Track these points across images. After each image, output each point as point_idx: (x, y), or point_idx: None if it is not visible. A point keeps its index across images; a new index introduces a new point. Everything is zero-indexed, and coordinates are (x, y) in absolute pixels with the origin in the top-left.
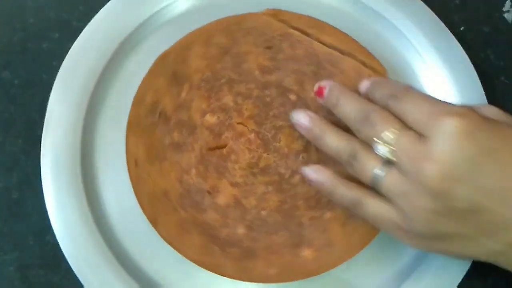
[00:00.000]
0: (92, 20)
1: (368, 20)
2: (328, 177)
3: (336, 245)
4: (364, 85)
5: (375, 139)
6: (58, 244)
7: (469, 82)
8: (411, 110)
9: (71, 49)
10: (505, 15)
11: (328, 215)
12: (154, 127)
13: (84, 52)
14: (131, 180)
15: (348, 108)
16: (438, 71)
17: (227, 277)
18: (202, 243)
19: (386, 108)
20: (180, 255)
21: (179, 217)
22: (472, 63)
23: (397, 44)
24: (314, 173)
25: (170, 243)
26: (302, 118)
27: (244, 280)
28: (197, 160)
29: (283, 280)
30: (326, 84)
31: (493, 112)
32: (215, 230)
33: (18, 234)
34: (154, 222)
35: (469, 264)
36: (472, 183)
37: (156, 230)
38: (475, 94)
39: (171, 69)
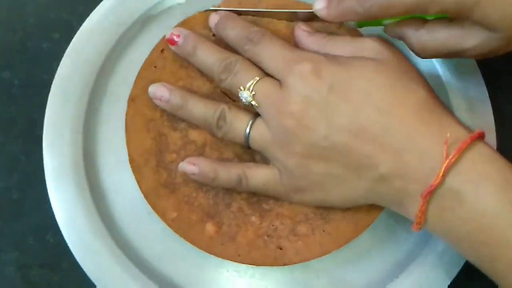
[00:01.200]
0: (88, 17)
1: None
2: (207, 164)
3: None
4: (213, 20)
5: (240, 87)
6: (59, 244)
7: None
8: (268, 57)
9: (68, 47)
10: None
11: None
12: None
13: (82, 49)
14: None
15: (207, 57)
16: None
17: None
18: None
19: (243, 53)
20: (192, 249)
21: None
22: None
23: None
24: (193, 165)
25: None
26: (159, 91)
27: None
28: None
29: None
30: (179, 32)
31: (371, 45)
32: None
33: (18, 234)
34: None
35: (464, 260)
36: (328, 122)
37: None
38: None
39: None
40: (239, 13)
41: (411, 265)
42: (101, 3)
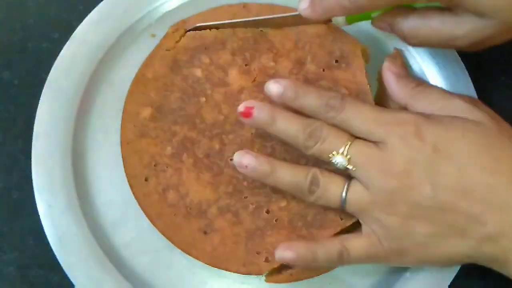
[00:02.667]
0: (84, 20)
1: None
2: (305, 248)
3: None
4: (273, 89)
5: (332, 152)
6: None
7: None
8: (358, 121)
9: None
10: None
11: None
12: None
13: (76, 52)
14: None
15: (287, 126)
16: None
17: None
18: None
19: (326, 120)
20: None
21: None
22: (472, 63)
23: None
24: (289, 251)
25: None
26: (245, 159)
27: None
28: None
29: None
30: (251, 104)
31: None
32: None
33: (18, 234)
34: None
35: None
36: (433, 182)
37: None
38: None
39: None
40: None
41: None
42: (94, 10)
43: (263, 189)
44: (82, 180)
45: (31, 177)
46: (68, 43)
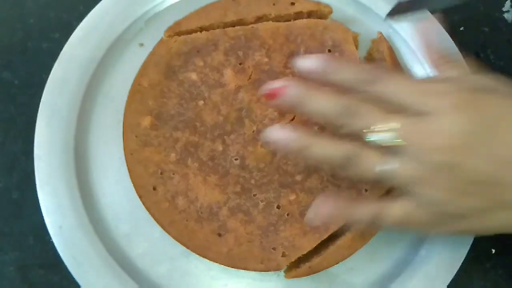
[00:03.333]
0: (85, 18)
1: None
2: (340, 208)
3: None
4: (307, 64)
5: (372, 127)
6: None
7: None
8: (400, 93)
9: (66, 45)
10: (505, 15)
11: None
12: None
13: (66, 70)
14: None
15: (321, 104)
16: None
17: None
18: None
19: (364, 94)
20: (180, 251)
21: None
22: None
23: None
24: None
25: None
26: (278, 134)
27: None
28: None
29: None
30: (280, 84)
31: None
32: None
33: (18, 234)
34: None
35: (460, 263)
36: (485, 153)
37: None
38: None
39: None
40: None
41: (410, 265)
42: (78, 27)
43: (271, 185)
44: (89, 196)
45: (31, 177)
46: (57, 62)
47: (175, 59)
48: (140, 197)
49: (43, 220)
